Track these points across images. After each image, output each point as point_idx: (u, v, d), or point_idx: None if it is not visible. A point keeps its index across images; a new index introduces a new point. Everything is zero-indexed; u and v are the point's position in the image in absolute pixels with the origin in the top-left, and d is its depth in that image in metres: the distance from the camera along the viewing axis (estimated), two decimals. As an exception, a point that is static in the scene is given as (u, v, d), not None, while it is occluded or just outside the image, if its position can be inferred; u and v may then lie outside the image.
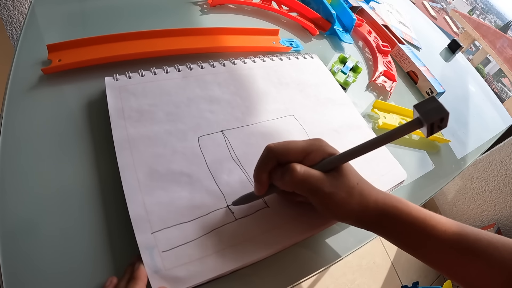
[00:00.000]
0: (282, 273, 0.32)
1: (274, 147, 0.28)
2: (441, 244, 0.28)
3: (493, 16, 2.80)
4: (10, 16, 0.87)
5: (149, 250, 0.27)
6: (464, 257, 0.28)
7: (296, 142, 0.29)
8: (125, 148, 0.32)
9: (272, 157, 0.28)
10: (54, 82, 0.37)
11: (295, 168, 0.27)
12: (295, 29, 0.62)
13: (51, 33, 0.42)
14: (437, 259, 0.29)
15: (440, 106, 0.23)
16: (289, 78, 0.47)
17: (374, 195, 0.30)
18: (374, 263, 1.37)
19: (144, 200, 0.29)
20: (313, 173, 0.28)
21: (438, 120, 0.23)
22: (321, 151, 0.29)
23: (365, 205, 0.29)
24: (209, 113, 0.38)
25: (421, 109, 0.24)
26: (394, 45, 0.71)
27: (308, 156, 0.29)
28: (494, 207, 1.37)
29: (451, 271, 0.29)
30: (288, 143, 0.28)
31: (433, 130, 0.24)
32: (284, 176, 0.27)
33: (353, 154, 0.27)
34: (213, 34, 0.48)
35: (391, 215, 0.29)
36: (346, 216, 0.30)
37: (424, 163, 0.53)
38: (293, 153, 0.28)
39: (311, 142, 0.29)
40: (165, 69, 0.40)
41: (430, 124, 0.23)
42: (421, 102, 0.24)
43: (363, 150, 0.27)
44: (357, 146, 0.27)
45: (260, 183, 0.29)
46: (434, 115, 0.23)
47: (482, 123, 0.73)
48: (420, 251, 0.30)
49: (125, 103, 0.36)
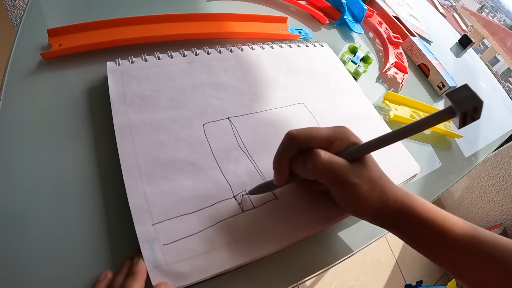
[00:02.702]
0: (288, 269, 0.30)
1: (297, 133, 0.26)
2: (458, 247, 0.27)
3: (502, 15, 2.75)
4: (15, 6, 0.86)
5: (149, 243, 0.25)
6: (480, 261, 0.27)
7: (319, 129, 0.27)
8: (126, 135, 0.30)
9: (294, 144, 0.26)
10: (54, 68, 0.36)
11: (319, 154, 0.25)
12: (304, 17, 0.59)
13: (53, 18, 0.41)
14: (452, 262, 0.28)
15: (473, 95, 0.22)
16: (298, 65, 0.45)
17: (395, 192, 0.29)
18: (378, 260, 1.35)
19: (145, 190, 0.27)
20: (338, 160, 0.26)
21: (471, 110, 0.21)
22: (345, 139, 0.27)
23: (385, 202, 0.28)
24: (215, 100, 0.36)
25: (453, 97, 0.22)
26: (405, 37, 0.68)
27: (332, 145, 0.27)
28: (501, 207, 1.35)
29: (465, 274, 0.28)
30: (310, 130, 0.26)
31: (466, 120, 0.22)
32: (307, 163, 0.26)
33: (380, 144, 0.26)
34: (220, 20, 0.47)
35: (409, 214, 0.28)
36: (365, 211, 0.28)
37: (434, 158, 0.51)
38: (317, 141, 0.26)
39: (336, 130, 0.27)
40: (169, 54, 0.38)
41: (463, 113, 0.21)
42: (453, 91, 0.22)
43: (390, 139, 0.25)
44: (384, 135, 0.25)
45: (280, 172, 0.27)
46: (468, 104, 0.21)
47: (492, 121, 0.71)
48: (436, 253, 0.29)
49: (127, 88, 0.34)
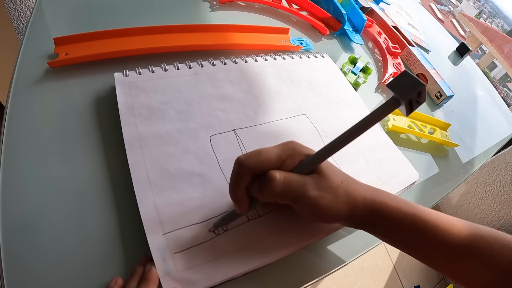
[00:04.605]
0: (287, 277, 0.31)
1: (245, 159, 0.25)
2: (433, 239, 0.28)
3: (500, 20, 2.78)
4: (17, 9, 0.87)
5: (160, 252, 0.26)
6: (455, 253, 0.27)
7: (267, 150, 0.25)
8: (136, 147, 0.31)
9: (247, 172, 0.25)
10: (60, 76, 0.36)
11: (274, 177, 0.24)
12: (305, 28, 0.61)
13: (58, 26, 0.41)
14: (428, 255, 0.29)
15: (415, 80, 0.21)
16: (300, 76, 0.46)
17: (362, 192, 0.28)
18: (376, 265, 1.36)
19: (156, 201, 0.29)
20: (294, 178, 0.25)
21: (415, 95, 0.21)
22: (297, 154, 0.26)
23: (353, 204, 0.28)
24: (221, 112, 0.37)
25: (395, 87, 0.22)
26: (403, 46, 0.70)
27: (284, 163, 0.26)
28: (498, 213, 1.36)
29: (442, 266, 0.29)
30: (259, 153, 0.25)
31: (412, 106, 0.22)
32: (264, 188, 0.24)
33: (331, 150, 0.25)
34: (223, 31, 0.48)
35: (381, 211, 0.28)
36: (334, 219, 0.28)
37: (431, 166, 0.52)
38: (268, 163, 0.25)
39: (285, 147, 0.26)
40: (175, 66, 0.40)
41: (408, 101, 0.21)
42: (393, 80, 0.22)
43: (341, 143, 0.24)
44: (333, 141, 0.25)
45: (239, 201, 0.26)
46: (410, 90, 0.21)
47: (489, 128, 0.72)
48: (412, 247, 0.29)
49: (135, 99, 0.35)
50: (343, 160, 0.39)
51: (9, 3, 0.85)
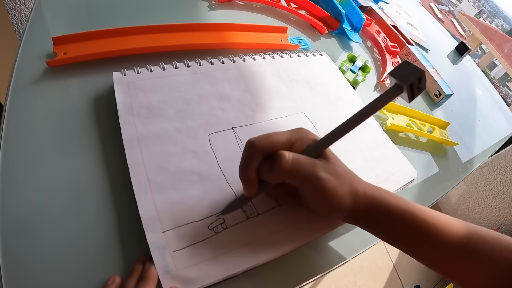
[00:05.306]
0: (286, 275, 0.31)
1: (257, 140, 0.26)
2: (432, 236, 0.28)
3: (500, 20, 2.79)
4: (16, 10, 0.87)
5: (159, 250, 0.26)
6: (454, 252, 0.27)
7: (278, 132, 0.27)
8: (135, 146, 0.31)
9: (257, 152, 0.26)
10: (59, 76, 0.37)
11: (283, 155, 0.25)
12: (304, 27, 0.61)
13: (57, 26, 0.41)
14: (427, 253, 0.29)
15: (415, 67, 0.23)
16: (298, 75, 0.47)
17: (363, 186, 0.29)
18: (376, 265, 1.36)
19: (155, 199, 0.29)
20: (303, 158, 0.26)
21: (416, 81, 0.23)
22: (305, 138, 0.28)
23: (356, 196, 0.28)
24: (219, 110, 0.37)
25: (397, 74, 0.23)
26: (402, 45, 0.70)
27: (293, 146, 0.27)
28: (498, 212, 1.36)
29: (441, 266, 0.28)
30: (269, 135, 0.27)
31: (414, 92, 0.23)
32: (274, 166, 0.25)
33: (338, 134, 0.26)
34: (221, 30, 0.48)
35: (381, 207, 0.28)
36: (338, 207, 0.28)
37: (430, 165, 0.52)
38: (278, 144, 0.26)
39: (295, 131, 0.28)
40: (174, 65, 0.40)
41: (409, 86, 0.23)
42: (395, 69, 0.24)
43: (347, 127, 0.26)
44: (339, 125, 0.26)
45: (249, 182, 0.27)
46: (411, 75, 0.23)
47: (488, 127, 0.72)
48: (411, 245, 0.29)
49: (133, 99, 0.35)
50: (341, 158, 0.39)
51: (9, 3, 0.85)
